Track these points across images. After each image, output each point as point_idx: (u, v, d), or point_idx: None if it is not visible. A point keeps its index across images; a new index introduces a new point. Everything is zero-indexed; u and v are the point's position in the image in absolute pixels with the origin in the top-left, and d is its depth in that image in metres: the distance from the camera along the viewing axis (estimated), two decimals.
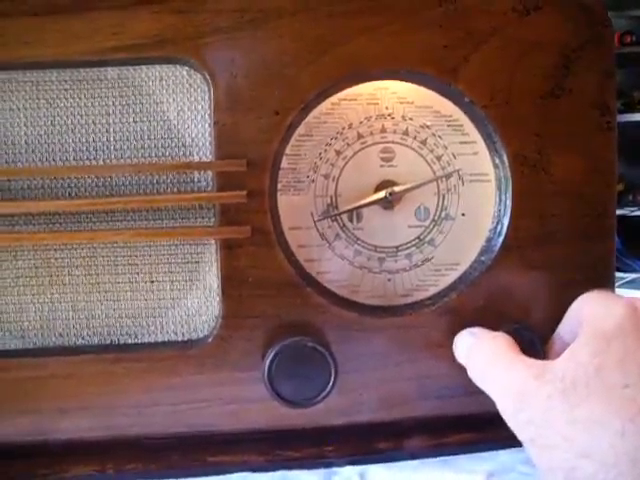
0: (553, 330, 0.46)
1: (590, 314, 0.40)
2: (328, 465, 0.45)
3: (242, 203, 0.43)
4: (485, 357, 0.42)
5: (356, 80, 0.45)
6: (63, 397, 0.43)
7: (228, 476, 0.44)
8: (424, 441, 0.48)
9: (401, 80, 0.45)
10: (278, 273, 0.44)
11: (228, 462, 0.45)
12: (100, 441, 0.44)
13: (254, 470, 0.45)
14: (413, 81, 0.46)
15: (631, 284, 1.95)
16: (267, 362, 0.42)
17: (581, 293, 0.46)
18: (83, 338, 0.45)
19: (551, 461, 0.35)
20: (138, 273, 0.44)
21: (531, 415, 0.36)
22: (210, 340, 0.44)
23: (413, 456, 0.47)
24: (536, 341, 0.44)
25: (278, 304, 0.44)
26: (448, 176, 0.47)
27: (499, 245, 0.46)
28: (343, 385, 0.44)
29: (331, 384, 0.43)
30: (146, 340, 0.45)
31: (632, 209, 2.69)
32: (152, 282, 0.44)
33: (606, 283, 0.47)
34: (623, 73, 2.68)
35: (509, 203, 0.46)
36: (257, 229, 0.43)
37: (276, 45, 0.43)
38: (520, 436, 0.37)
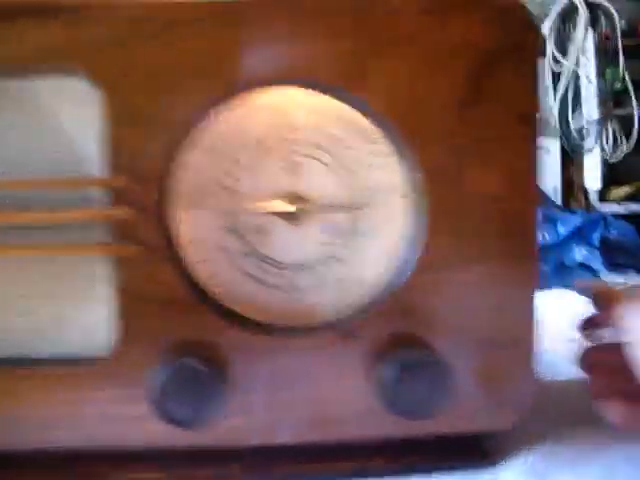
0: (466, 358, 0.43)
1: None
2: None
3: (132, 219, 0.42)
4: None
5: (258, 90, 0.43)
6: None
7: None
8: (342, 465, 0.46)
9: (307, 89, 0.43)
10: (170, 290, 0.43)
11: (131, 478, 0.45)
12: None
13: None
14: (320, 91, 0.43)
15: None
16: (156, 382, 0.41)
17: (500, 318, 0.44)
18: None
19: None
20: (36, 288, 0.44)
21: None
22: (107, 357, 0.43)
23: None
24: (441, 369, 0.41)
25: (173, 322, 0.43)
26: (360, 191, 0.44)
27: (411, 265, 0.43)
28: (239, 406, 0.43)
29: (219, 406, 0.41)
30: (43, 356, 0.44)
31: None
32: (51, 298, 0.44)
33: (528, 307, 0.44)
34: None
35: (423, 219, 0.43)
36: (148, 245, 0.42)
37: (171, 57, 0.41)
38: None
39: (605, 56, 2.59)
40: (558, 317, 0.56)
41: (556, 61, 2.56)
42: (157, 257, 0.42)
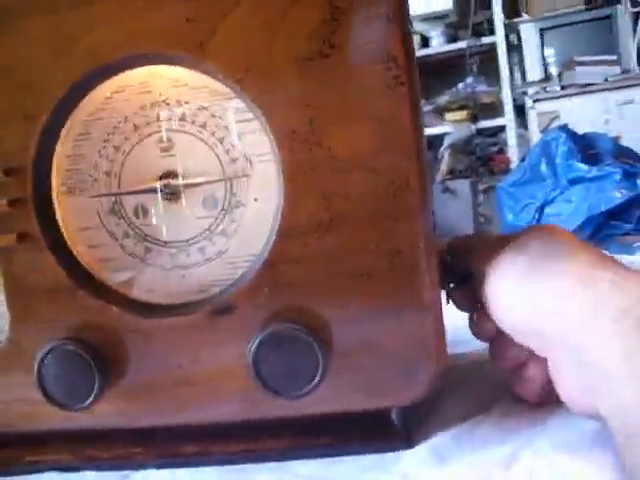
0: (343, 328, 0.40)
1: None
2: (122, 468, 0.44)
3: (10, 211, 0.43)
4: None
5: (108, 72, 0.42)
6: None
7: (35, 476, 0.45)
8: (227, 447, 0.44)
9: (149, 65, 0.42)
10: (50, 277, 0.43)
11: (37, 461, 0.46)
12: None
13: (64, 470, 0.45)
14: (165, 63, 0.42)
15: None
16: (36, 366, 0.42)
17: (383, 283, 0.41)
18: None
19: None
20: None
21: None
22: (6, 344, 0.45)
23: (218, 461, 0.44)
24: (315, 342, 0.39)
25: (58, 308, 0.44)
26: (234, 160, 0.43)
27: (278, 233, 0.41)
28: (123, 387, 0.43)
29: (97, 390, 0.42)
30: None
31: None
32: None
33: (415, 268, 0.40)
34: None
35: (287, 185, 0.41)
36: (25, 235, 0.43)
37: (19, 48, 0.42)
38: None
39: None
40: None
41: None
42: (37, 246, 0.43)
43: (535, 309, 0.39)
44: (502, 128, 3.38)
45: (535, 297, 0.39)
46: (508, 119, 3.31)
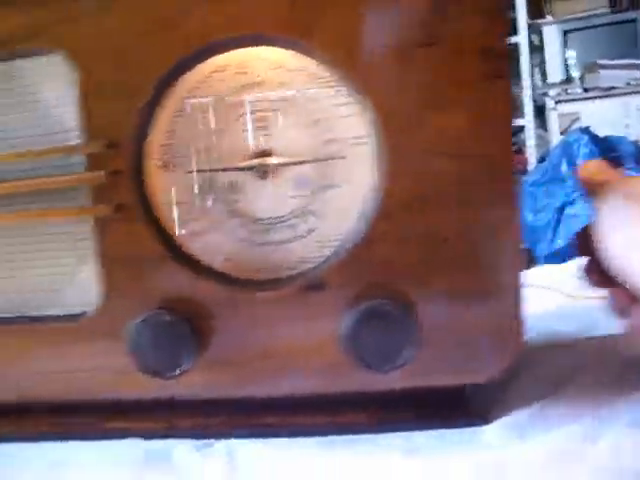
0: (430, 307, 0.42)
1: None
2: (206, 437, 0.46)
3: (109, 182, 0.44)
4: None
5: (209, 53, 0.44)
6: None
7: (118, 441, 0.47)
8: (303, 419, 0.46)
9: (254, 46, 0.43)
10: (147, 249, 0.45)
11: (122, 428, 0.47)
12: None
13: (145, 437, 0.47)
14: (281, 46, 0.43)
15: None
16: (131, 334, 0.44)
17: (469, 265, 0.42)
18: None
19: None
20: (31, 251, 0.48)
21: None
22: (96, 313, 0.46)
23: (299, 433, 0.45)
24: (407, 319, 0.41)
25: (150, 279, 0.45)
26: (328, 142, 0.44)
27: (373, 213, 0.42)
28: (212, 358, 0.44)
29: (193, 356, 0.43)
30: (39, 313, 0.48)
31: None
32: (44, 259, 0.48)
33: (500, 252, 0.42)
34: None
35: (385, 167, 0.42)
36: (122, 207, 0.44)
37: (126, 27, 0.43)
38: None
39: None
40: None
41: None
42: (133, 217, 0.45)
43: None
44: (521, 128, 3.38)
45: None
46: (528, 120, 3.31)
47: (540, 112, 3.32)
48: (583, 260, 0.47)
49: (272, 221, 0.45)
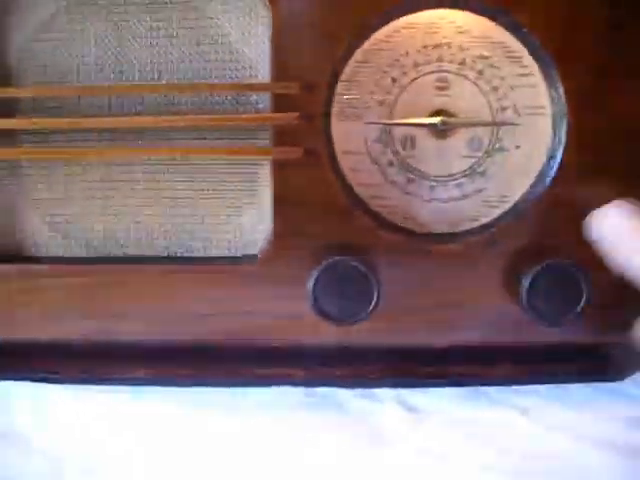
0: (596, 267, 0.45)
1: None
2: (368, 385, 0.47)
3: (296, 125, 0.44)
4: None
5: (413, 8, 0.45)
6: (121, 303, 0.47)
7: (270, 388, 0.46)
8: (466, 369, 0.49)
9: (459, 9, 0.45)
10: (329, 195, 0.45)
11: (273, 375, 0.47)
12: (154, 346, 0.47)
13: (297, 385, 0.47)
14: (471, 10, 0.45)
15: None
16: (313, 280, 0.44)
17: None
18: (142, 249, 0.48)
19: None
20: (195, 190, 0.46)
21: None
22: (261, 257, 0.46)
23: (453, 383, 0.48)
24: (579, 277, 0.44)
25: (327, 225, 0.45)
26: (504, 109, 0.47)
27: (550, 179, 0.46)
28: (388, 307, 0.45)
29: (373, 304, 0.44)
30: (201, 254, 0.47)
31: None
32: (209, 199, 0.46)
33: None
34: None
35: (564, 137, 0.45)
36: (309, 151, 0.44)
37: None
38: None
39: None
40: None
41: None
42: (319, 162, 0.45)
43: None
44: None
45: None
46: None
47: None
48: None
49: (442, 179, 0.47)
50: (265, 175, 0.46)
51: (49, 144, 0.47)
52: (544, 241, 0.46)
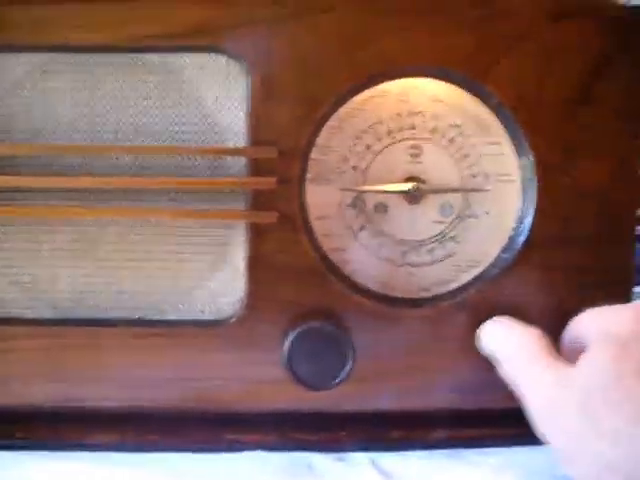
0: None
1: (601, 322, 0.40)
2: (341, 450, 0.46)
3: (272, 189, 0.44)
4: (517, 353, 0.42)
5: (388, 76, 0.46)
6: (89, 367, 0.46)
7: (241, 454, 0.46)
8: (437, 433, 0.49)
9: (432, 78, 0.46)
10: (303, 259, 0.45)
11: (244, 440, 0.46)
12: (122, 411, 0.46)
13: (269, 449, 0.46)
14: (444, 80, 0.47)
15: None
16: (287, 344, 0.44)
17: (598, 295, 0.47)
18: (111, 311, 0.47)
19: (578, 469, 0.36)
20: (168, 252, 0.46)
21: (562, 424, 0.37)
22: (233, 321, 0.45)
23: (425, 447, 0.48)
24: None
25: (301, 289, 0.45)
26: (474, 176, 0.48)
27: (520, 244, 0.47)
28: (360, 372, 0.45)
29: (348, 370, 0.44)
30: (172, 317, 0.46)
31: None
32: (181, 262, 0.46)
33: (623, 286, 0.48)
34: None
35: (533, 204, 0.47)
36: (285, 215, 0.45)
37: (313, 39, 0.44)
38: (550, 440, 0.38)
39: None
40: None
41: None
42: (293, 227, 0.45)
43: None
44: None
45: None
46: None
47: None
48: None
49: (413, 244, 0.48)
50: (238, 238, 0.46)
51: (17, 202, 0.46)
52: (515, 306, 0.47)
